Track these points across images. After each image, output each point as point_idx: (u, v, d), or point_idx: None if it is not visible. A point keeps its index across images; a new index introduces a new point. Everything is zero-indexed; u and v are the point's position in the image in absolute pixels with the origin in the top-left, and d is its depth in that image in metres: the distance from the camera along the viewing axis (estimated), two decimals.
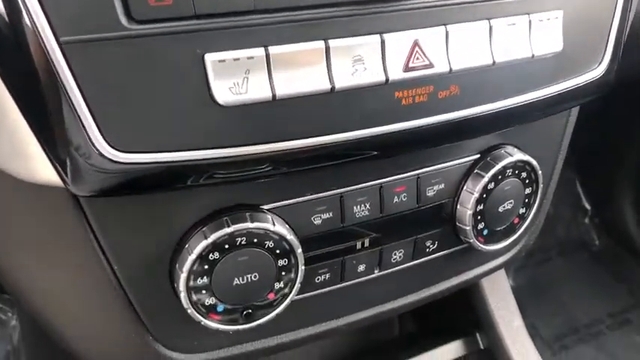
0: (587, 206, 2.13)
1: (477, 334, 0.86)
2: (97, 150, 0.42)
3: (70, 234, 0.50)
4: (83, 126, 0.42)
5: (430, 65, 0.49)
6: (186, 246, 0.52)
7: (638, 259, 1.99)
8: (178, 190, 0.49)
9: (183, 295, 0.52)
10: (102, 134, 0.42)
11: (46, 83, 0.40)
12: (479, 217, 0.63)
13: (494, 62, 0.53)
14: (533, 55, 0.55)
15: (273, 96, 0.45)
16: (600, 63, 0.61)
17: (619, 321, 1.85)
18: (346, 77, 0.47)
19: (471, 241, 0.64)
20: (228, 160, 0.45)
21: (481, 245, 0.65)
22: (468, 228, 0.63)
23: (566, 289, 1.96)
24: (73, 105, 0.41)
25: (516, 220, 0.67)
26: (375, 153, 0.52)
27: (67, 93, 0.41)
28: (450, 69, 0.50)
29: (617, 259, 2.03)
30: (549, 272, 2.01)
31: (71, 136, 0.42)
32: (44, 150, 0.43)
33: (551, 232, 2.09)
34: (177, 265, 0.52)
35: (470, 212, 0.62)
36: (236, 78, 0.44)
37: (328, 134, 0.48)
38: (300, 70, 0.45)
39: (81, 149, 0.42)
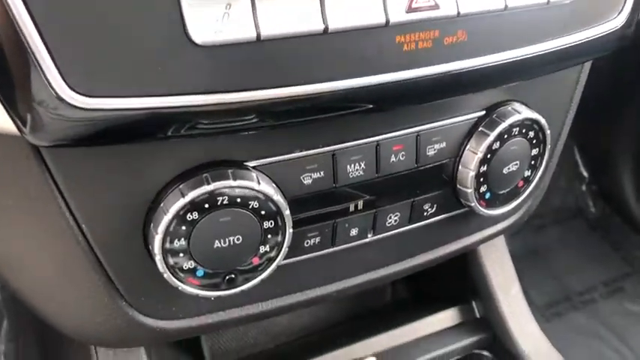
0: (585, 174, 2.10)
1: (473, 302, 0.83)
2: (56, 93, 0.37)
3: (32, 190, 0.45)
4: (40, 66, 0.36)
5: (436, 6, 0.44)
6: (162, 205, 0.47)
7: (634, 228, 1.97)
8: (152, 143, 0.44)
9: (158, 259, 0.47)
10: (62, 76, 0.37)
11: None
12: (481, 179, 0.59)
13: (506, 6, 0.47)
14: (548, 1, 0.49)
15: (258, 36, 0.39)
16: (620, 13, 0.56)
17: (612, 289, 1.84)
18: (341, 17, 0.41)
19: (472, 204, 0.60)
20: (204, 110, 0.40)
21: (482, 209, 0.61)
22: (469, 190, 0.59)
23: (561, 256, 1.94)
24: (26, 41, 0.36)
25: (521, 184, 0.62)
26: (371, 106, 0.47)
27: (20, 28, 0.35)
28: (458, 12, 0.45)
29: (612, 228, 2.01)
30: (544, 239, 1.99)
31: (26, 77, 0.37)
32: None
33: (547, 199, 2.05)
34: (151, 226, 0.47)
35: (472, 173, 0.58)
36: (215, 13, 0.38)
37: (319, 82, 0.43)
38: (289, 5, 0.39)
39: (37, 92, 0.37)
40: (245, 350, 0.81)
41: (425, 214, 0.61)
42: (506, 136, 0.58)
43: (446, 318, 0.82)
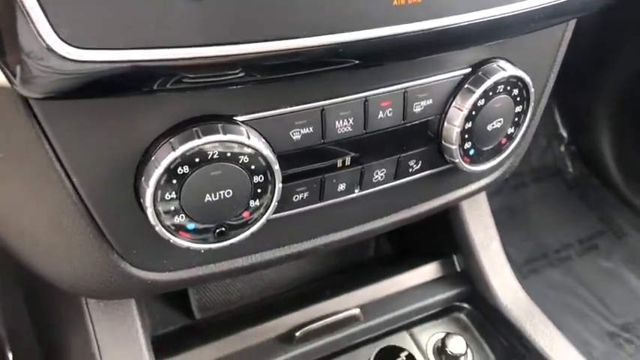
0: (564, 134, 2.13)
1: (454, 257, 0.85)
2: (46, 44, 0.37)
3: (23, 143, 0.45)
4: (29, 16, 0.36)
5: None
6: (153, 158, 0.47)
7: (610, 188, 2.02)
8: (143, 96, 0.44)
9: (150, 212, 0.48)
10: (51, 26, 0.37)
11: None
12: (466, 136, 0.60)
13: None
14: None
15: None
16: None
17: (587, 247, 1.90)
18: None
19: (457, 160, 0.61)
20: (191, 63, 0.40)
21: (466, 165, 0.62)
22: (454, 147, 0.60)
23: (539, 215, 1.99)
24: None
25: (504, 140, 0.64)
26: (358, 62, 0.47)
27: None
28: None
29: (589, 188, 2.05)
30: (523, 198, 2.03)
31: (15, 27, 0.37)
32: None
33: (526, 159, 2.09)
34: (143, 179, 0.48)
35: (457, 130, 0.59)
36: None
37: (306, 37, 0.43)
38: None
39: (26, 43, 0.37)
40: (232, 303, 0.83)
41: (410, 170, 0.62)
42: (491, 94, 0.59)
43: (428, 272, 0.84)
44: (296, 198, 0.57)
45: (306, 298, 0.79)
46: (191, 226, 0.50)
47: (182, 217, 0.49)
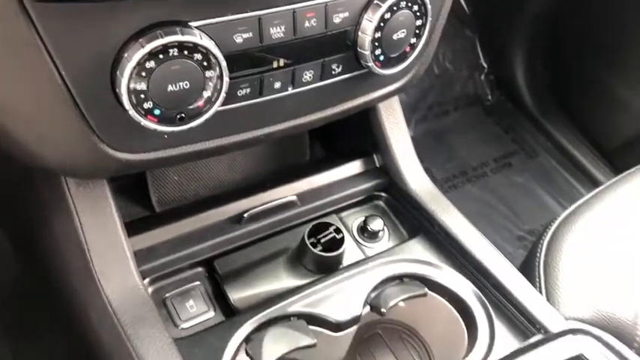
0: (485, 64, 2.31)
1: (374, 155, 1.01)
2: None
3: (20, 41, 0.57)
4: None
5: None
6: (126, 55, 0.60)
7: (523, 113, 2.24)
8: (119, 2, 0.57)
9: (125, 98, 0.61)
10: None
11: None
12: (376, 44, 0.75)
13: None
14: None
15: None
16: None
17: (501, 164, 2.13)
18: None
19: (370, 64, 0.76)
20: None
21: (378, 69, 0.77)
22: (367, 53, 0.75)
23: (459, 139, 2.19)
24: None
25: (408, 49, 0.79)
26: None
27: None
28: None
29: (505, 113, 2.27)
30: (446, 124, 2.23)
31: None
32: None
33: (450, 88, 2.28)
34: (118, 72, 0.60)
35: (369, 39, 0.73)
36: None
37: None
38: None
39: None
40: (187, 199, 0.97)
41: (333, 72, 0.76)
42: (395, 8, 0.73)
43: (353, 167, 1.00)
44: (240, 93, 0.70)
45: (251, 190, 0.93)
46: (157, 111, 0.64)
47: (150, 103, 0.63)
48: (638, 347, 0.97)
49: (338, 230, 0.89)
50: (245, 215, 0.89)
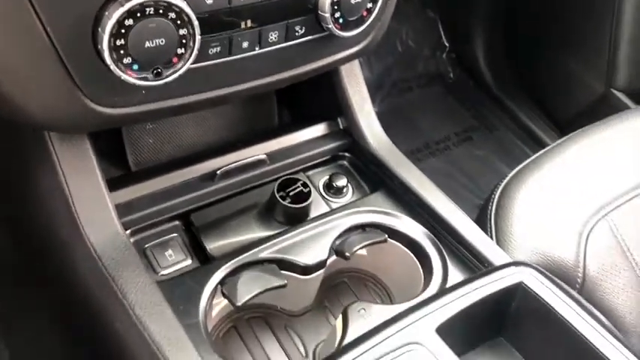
0: (446, 43, 2.40)
1: (338, 118, 1.09)
2: None
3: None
4: None
5: None
6: (106, 13, 0.66)
7: (483, 90, 2.34)
8: None
9: (106, 54, 0.67)
10: None
11: None
12: (335, 7, 0.82)
13: None
14: None
15: None
16: None
17: (463, 138, 2.23)
18: None
19: (330, 27, 0.83)
20: None
21: (338, 31, 0.84)
22: (327, 15, 0.81)
23: (423, 114, 2.29)
24: None
25: (365, 13, 0.86)
26: None
27: None
28: None
29: (466, 90, 2.37)
30: (410, 101, 2.32)
31: None
32: None
33: (413, 67, 2.37)
34: (99, 29, 0.66)
35: (329, 1, 0.80)
36: None
37: None
38: None
39: None
40: (161, 161, 1.03)
41: (296, 34, 0.83)
42: None
43: (318, 129, 1.08)
44: (211, 51, 0.77)
45: (223, 151, 1.00)
46: (135, 66, 0.70)
47: (129, 59, 0.69)
48: (579, 288, 1.07)
49: (305, 185, 0.96)
50: (218, 172, 0.96)
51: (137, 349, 0.76)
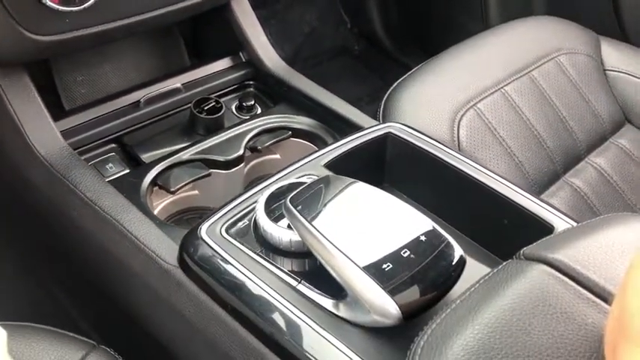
0: (347, 19, 2.66)
1: (240, 52, 1.30)
2: None
3: None
4: None
5: None
6: None
7: (385, 54, 2.60)
8: None
9: None
10: None
11: None
12: None
13: None
14: None
15: None
16: None
17: (373, 98, 2.47)
18: None
19: None
20: None
21: None
22: None
23: (336, 83, 2.51)
24: None
25: None
26: None
27: None
28: None
29: (371, 57, 2.62)
30: (322, 73, 2.55)
31: None
32: None
33: (320, 44, 2.61)
34: None
35: None
36: None
37: None
38: None
39: None
40: (90, 98, 1.20)
41: None
42: None
43: (225, 62, 1.28)
44: None
45: (143, 85, 1.19)
46: None
47: None
48: None
49: (217, 101, 1.16)
50: (141, 100, 1.15)
51: (93, 225, 0.93)
